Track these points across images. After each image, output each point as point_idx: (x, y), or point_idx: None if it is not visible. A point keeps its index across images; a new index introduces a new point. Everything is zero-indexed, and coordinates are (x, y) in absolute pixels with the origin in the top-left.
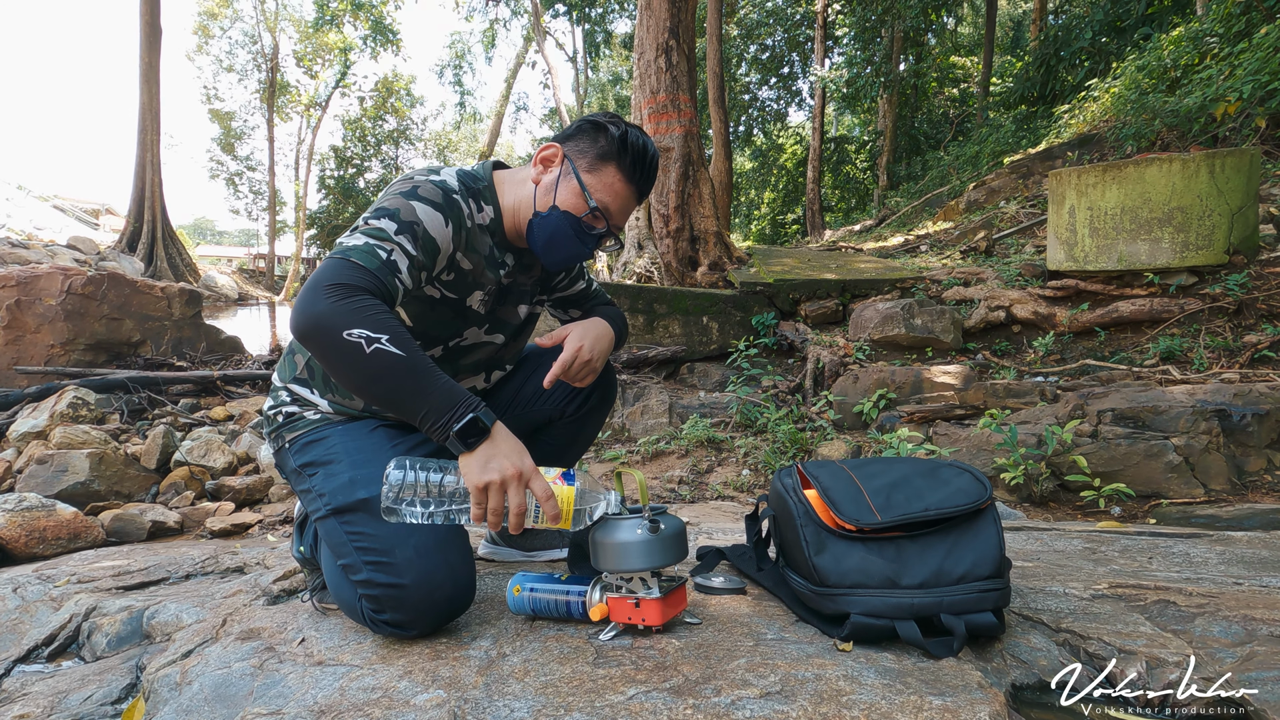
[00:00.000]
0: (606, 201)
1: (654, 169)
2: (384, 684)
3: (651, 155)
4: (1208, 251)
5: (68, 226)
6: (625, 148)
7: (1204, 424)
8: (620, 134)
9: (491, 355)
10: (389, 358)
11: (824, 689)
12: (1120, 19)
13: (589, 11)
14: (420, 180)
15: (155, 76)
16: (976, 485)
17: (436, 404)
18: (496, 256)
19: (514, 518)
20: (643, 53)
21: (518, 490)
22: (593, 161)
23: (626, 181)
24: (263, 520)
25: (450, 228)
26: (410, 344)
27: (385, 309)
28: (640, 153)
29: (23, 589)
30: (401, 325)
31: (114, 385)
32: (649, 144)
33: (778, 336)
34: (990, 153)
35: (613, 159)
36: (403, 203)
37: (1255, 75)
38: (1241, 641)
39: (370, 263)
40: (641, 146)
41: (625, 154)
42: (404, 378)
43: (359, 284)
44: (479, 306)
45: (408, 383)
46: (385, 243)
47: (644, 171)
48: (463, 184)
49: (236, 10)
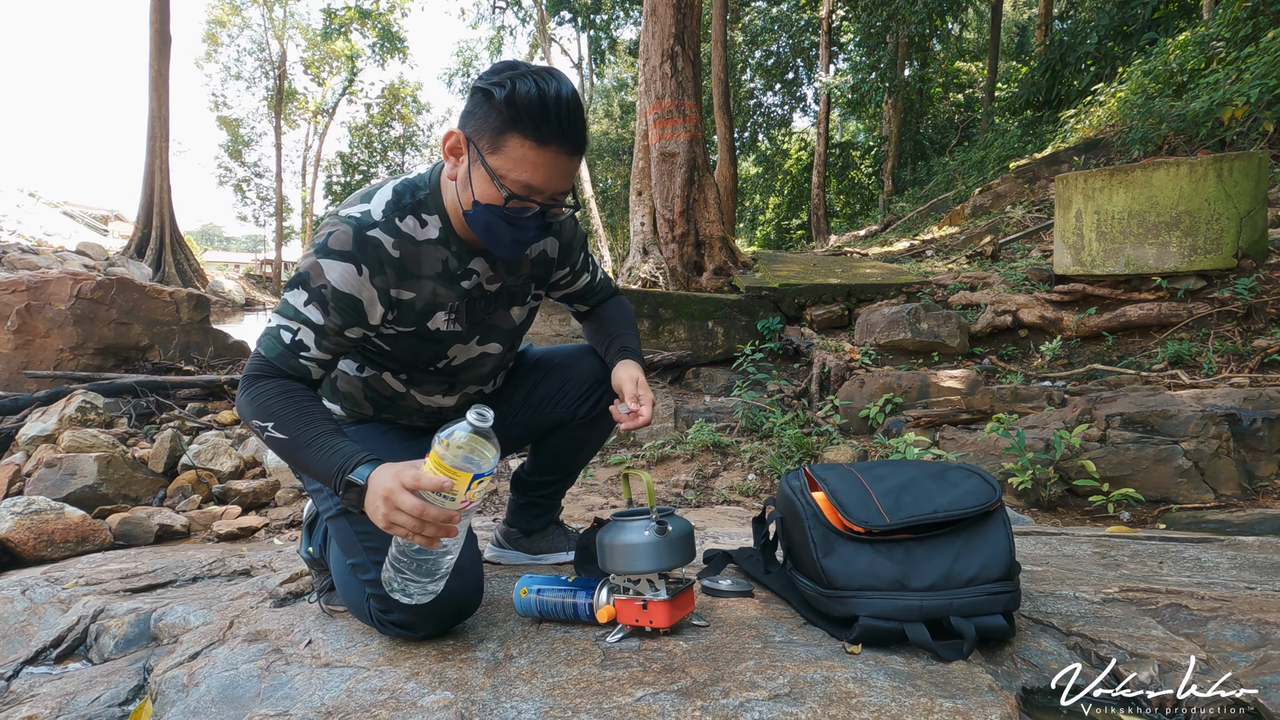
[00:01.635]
0: (524, 179)
1: (568, 114)
2: (391, 685)
3: (556, 99)
4: (1216, 255)
5: (77, 233)
6: (518, 109)
7: (1214, 429)
8: (507, 94)
9: (496, 363)
10: (278, 443)
11: (833, 691)
12: (1126, 24)
13: (594, 18)
14: (335, 227)
15: (164, 84)
16: (986, 487)
17: (324, 476)
18: (454, 269)
19: (433, 528)
20: (648, 59)
21: (408, 513)
22: (493, 139)
23: (538, 146)
24: (269, 524)
25: (366, 273)
26: (294, 423)
27: (275, 393)
28: (538, 105)
29: (31, 591)
30: (291, 403)
31: (122, 389)
32: (549, 86)
33: (783, 341)
34: (996, 158)
35: (511, 127)
36: (312, 263)
37: (1262, 79)
38: (1255, 645)
39: (272, 350)
40: (536, 97)
41: (522, 115)
42: (295, 455)
43: (260, 373)
44: (447, 326)
45: (300, 459)
46: (292, 321)
47: (555, 124)
48: (395, 205)
49: (245, 18)
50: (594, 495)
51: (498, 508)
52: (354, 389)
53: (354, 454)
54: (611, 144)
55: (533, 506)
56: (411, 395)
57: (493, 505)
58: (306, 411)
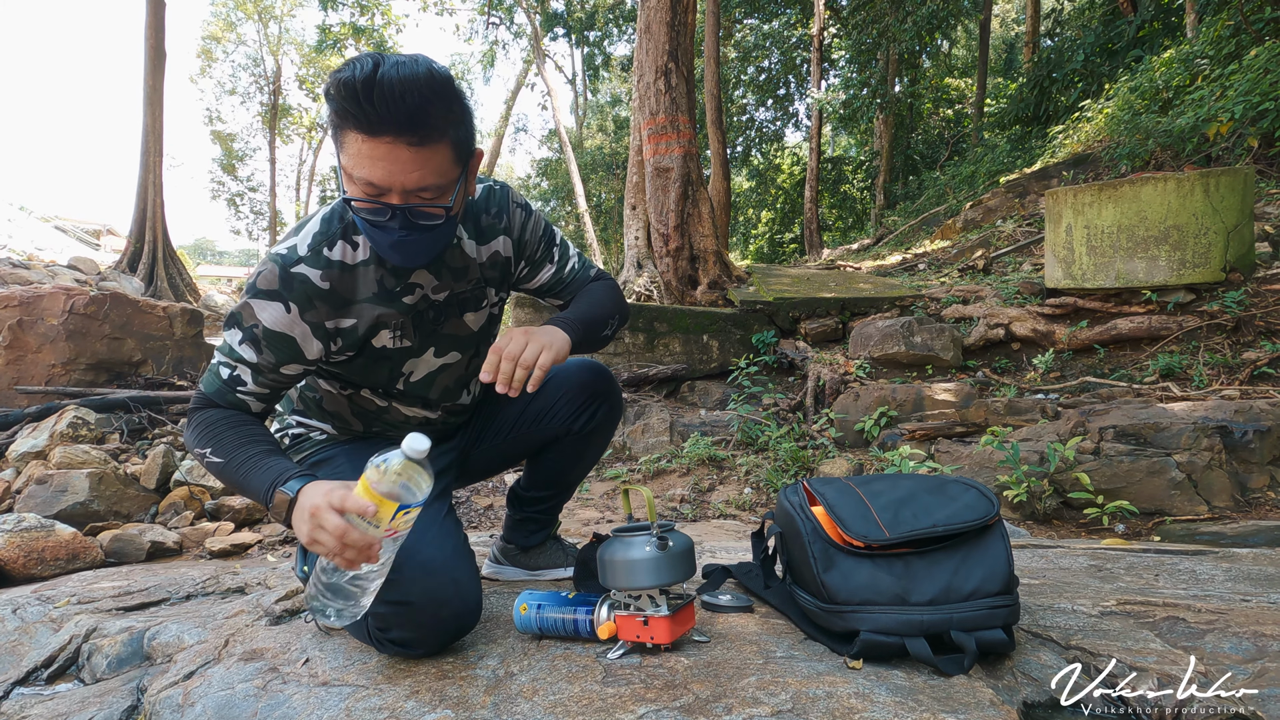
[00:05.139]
0: (363, 175)
1: (396, 96)
2: (390, 704)
3: (377, 81)
4: (1204, 269)
5: (69, 247)
6: (341, 100)
7: (1206, 441)
8: (329, 85)
9: (463, 371)
10: (216, 467)
11: (836, 707)
12: (1112, 41)
13: (588, 34)
14: (264, 266)
15: (159, 99)
16: (984, 501)
17: (257, 492)
18: (392, 287)
19: (353, 551)
20: (642, 75)
21: (330, 533)
22: (337, 136)
23: (370, 137)
24: (262, 540)
25: (295, 310)
26: (231, 445)
27: (215, 419)
28: (358, 91)
29: (22, 610)
30: (229, 427)
31: (114, 405)
32: (367, 69)
33: (778, 354)
34: (986, 172)
35: (343, 121)
36: (244, 304)
37: (1246, 96)
38: (1253, 658)
39: (211, 386)
40: (354, 83)
41: (344, 107)
42: (233, 476)
43: (201, 406)
44: (395, 343)
45: (237, 480)
46: (228, 359)
47: (378, 110)
48: (323, 234)
49: (240, 34)
50: (590, 510)
51: (494, 523)
52: (340, 407)
53: (287, 470)
54: (605, 158)
55: (530, 522)
56: (395, 409)
57: (490, 521)
58: (244, 435)
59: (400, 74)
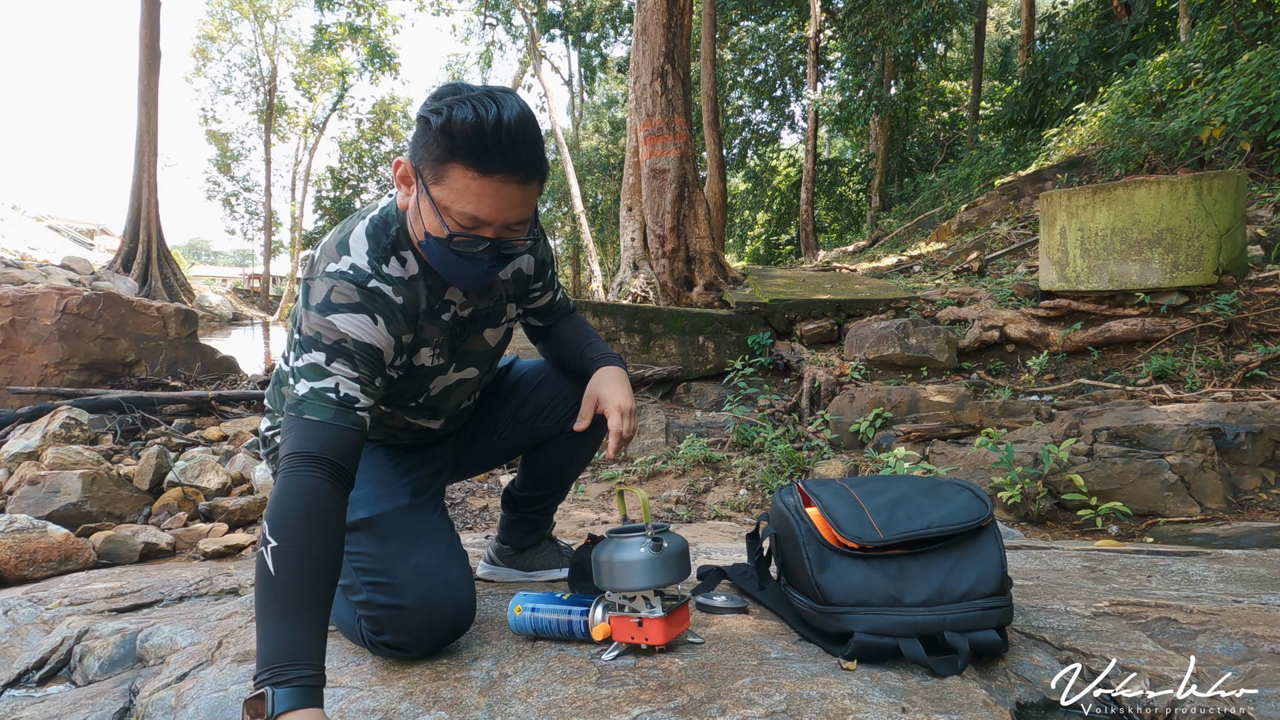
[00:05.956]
0: (469, 210)
1: (513, 139)
2: (385, 706)
3: (496, 124)
4: (1197, 272)
5: (62, 246)
6: (455, 138)
7: (1198, 442)
8: (443, 122)
9: (475, 386)
10: (261, 568)
11: (830, 708)
12: (1106, 45)
13: (585, 36)
14: (333, 284)
15: (154, 99)
16: (977, 503)
17: (259, 654)
18: (432, 304)
19: None
20: (639, 76)
21: None
22: (435, 169)
23: (481, 176)
24: (256, 542)
25: (382, 322)
26: (288, 563)
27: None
28: (477, 132)
29: (13, 611)
30: (308, 545)
31: (108, 405)
32: (488, 112)
33: (774, 356)
34: (981, 175)
35: (452, 157)
36: (320, 324)
37: (1239, 100)
38: (1244, 659)
39: (325, 412)
40: (474, 124)
41: (459, 145)
42: (260, 593)
43: (308, 450)
44: (432, 360)
45: (259, 609)
46: (327, 380)
47: (497, 152)
48: (375, 250)
49: (235, 34)
50: (585, 510)
51: (489, 524)
52: None
53: (293, 666)
54: (602, 159)
55: (524, 523)
56: (398, 415)
57: (485, 522)
58: (313, 565)
59: (516, 118)
